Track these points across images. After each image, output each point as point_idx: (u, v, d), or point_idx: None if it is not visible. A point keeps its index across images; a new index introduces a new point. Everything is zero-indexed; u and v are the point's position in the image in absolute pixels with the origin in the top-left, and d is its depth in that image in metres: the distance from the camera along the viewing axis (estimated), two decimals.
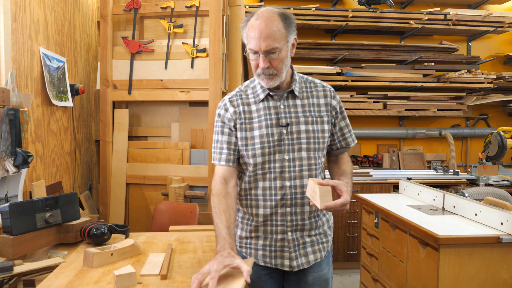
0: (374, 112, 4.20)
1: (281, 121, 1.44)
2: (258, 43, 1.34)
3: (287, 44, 1.39)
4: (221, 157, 1.48)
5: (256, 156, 1.43)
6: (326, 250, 1.51)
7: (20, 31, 2.05)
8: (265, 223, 1.45)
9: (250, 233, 1.48)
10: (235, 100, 1.49)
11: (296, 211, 1.44)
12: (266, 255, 1.47)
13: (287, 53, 1.40)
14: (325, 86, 1.54)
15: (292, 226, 1.44)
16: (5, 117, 1.79)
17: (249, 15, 1.41)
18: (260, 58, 1.36)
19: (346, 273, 3.73)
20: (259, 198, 1.45)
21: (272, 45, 1.34)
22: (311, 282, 1.48)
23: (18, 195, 1.96)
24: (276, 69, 1.38)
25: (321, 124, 1.47)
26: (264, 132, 1.43)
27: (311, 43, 4.17)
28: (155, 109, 3.00)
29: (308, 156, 1.44)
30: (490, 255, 1.84)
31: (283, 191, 1.43)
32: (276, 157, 1.43)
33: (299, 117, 1.45)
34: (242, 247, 1.52)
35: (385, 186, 3.79)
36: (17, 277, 1.33)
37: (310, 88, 1.51)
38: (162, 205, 2.49)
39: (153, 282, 1.30)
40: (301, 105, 1.47)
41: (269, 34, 1.33)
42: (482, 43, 4.65)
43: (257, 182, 1.45)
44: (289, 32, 1.38)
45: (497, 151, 3.82)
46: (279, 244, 1.45)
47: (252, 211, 1.47)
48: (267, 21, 1.34)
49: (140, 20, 2.92)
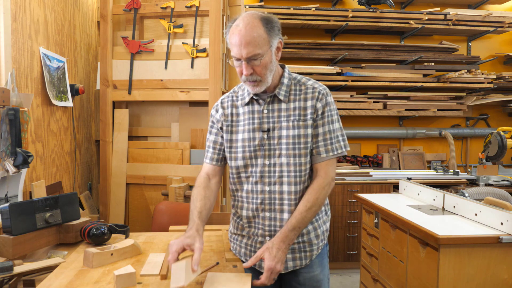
0: (374, 112, 4.20)
1: (263, 126, 1.43)
2: (239, 50, 1.31)
3: (270, 49, 1.35)
4: (207, 155, 1.58)
5: (237, 159, 1.47)
6: (308, 258, 1.49)
7: (20, 31, 2.05)
8: (249, 224, 1.49)
9: (237, 230, 1.55)
10: (226, 102, 1.53)
11: (276, 217, 1.44)
12: (247, 253, 1.52)
13: (271, 57, 1.36)
14: (315, 88, 1.44)
15: (270, 231, 1.45)
16: (5, 117, 1.79)
17: (231, 20, 1.38)
18: (243, 65, 1.33)
19: (346, 273, 3.73)
20: (243, 200, 1.50)
21: (253, 52, 1.31)
22: (302, 282, 1.50)
23: (18, 195, 1.96)
24: (260, 75, 1.35)
25: (304, 129, 1.41)
26: (246, 136, 1.45)
27: (311, 43, 4.17)
28: (155, 109, 3.00)
29: (288, 162, 1.41)
30: (490, 255, 1.84)
31: (263, 195, 1.44)
32: (257, 161, 1.44)
33: (282, 121, 1.42)
34: (231, 241, 1.60)
35: (385, 186, 3.79)
36: (17, 277, 1.33)
37: (300, 90, 1.44)
38: (162, 205, 2.48)
39: (153, 282, 1.30)
40: (285, 109, 1.43)
41: (249, 41, 1.30)
42: (482, 43, 4.65)
43: (241, 184, 1.49)
44: (271, 37, 1.34)
45: (497, 151, 3.82)
46: (259, 246, 1.47)
47: (238, 211, 1.53)
48: (248, 27, 1.30)
49: (140, 20, 2.92)
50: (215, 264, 1.45)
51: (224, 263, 1.50)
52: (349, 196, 3.77)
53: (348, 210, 3.78)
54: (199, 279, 1.33)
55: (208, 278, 1.28)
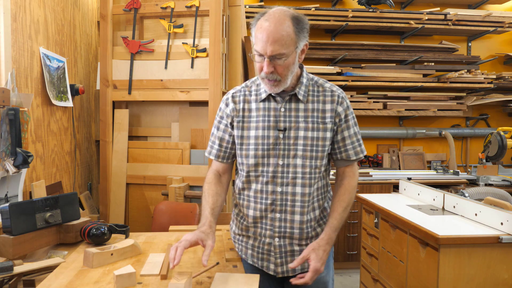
0: (374, 112, 4.20)
1: (279, 124, 1.39)
2: (265, 47, 1.27)
3: (296, 50, 1.31)
4: (211, 151, 1.53)
5: (249, 157, 1.41)
6: None
7: (20, 31, 2.05)
8: (255, 225, 1.44)
9: (241, 231, 1.50)
10: (238, 96, 1.47)
11: (286, 218, 1.40)
12: (254, 255, 1.47)
13: (295, 59, 1.33)
14: (334, 91, 1.43)
15: (280, 233, 1.41)
16: (5, 117, 1.79)
17: (260, 13, 1.33)
18: (265, 62, 1.29)
19: (346, 273, 3.73)
20: (250, 199, 1.44)
21: (278, 51, 1.27)
22: (309, 284, 1.46)
23: (18, 195, 1.96)
24: (280, 75, 1.31)
25: (322, 131, 1.39)
26: (260, 133, 1.40)
27: (311, 43, 4.17)
28: (155, 109, 3.00)
29: (303, 163, 1.38)
30: (490, 255, 1.84)
31: (274, 196, 1.40)
32: (270, 161, 1.39)
33: (299, 122, 1.38)
34: (235, 242, 1.55)
35: (385, 186, 3.79)
36: (17, 277, 1.33)
37: (318, 92, 1.42)
38: (162, 205, 2.49)
39: (153, 282, 1.30)
40: (303, 109, 1.39)
41: (276, 39, 1.25)
42: (482, 43, 4.65)
43: (250, 183, 1.44)
44: (299, 38, 1.31)
45: (497, 151, 3.82)
46: (266, 247, 1.43)
47: (244, 211, 1.47)
48: (277, 24, 1.26)
49: (140, 20, 2.92)
50: (215, 264, 1.45)
51: (224, 263, 1.50)
52: None
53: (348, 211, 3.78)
54: (199, 279, 1.33)
55: (216, 278, 1.28)
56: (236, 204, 1.53)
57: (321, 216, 1.48)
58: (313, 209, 1.43)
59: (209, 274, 1.37)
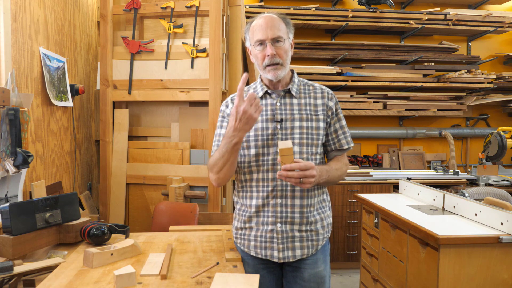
0: (374, 112, 4.20)
1: (276, 116, 1.52)
2: (265, 32, 1.46)
3: (289, 39, 1.52)
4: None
5: (250, 147, 1.52)
6: (315, 248, 1.54)
7: (20, 31, 2.05)
8: (257, 214, 1.52)
9: (244, 224, 1.56)
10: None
11: (287, 203, 1.49)
12: (257, 245, 1.53)
13: (289, 47, 1.53)
14: (323, 89, 1.60)
15: (281, 218, 1.49)
16: (5, 117, 1.79)
17: (250, 20, 1.54)
18: (267, 46, 1.47)
19: (346, 273, 3.73)
20: (253, 189, 1.53)
21: (277, 33, 1.47)
22: (307, 278, 1.53)
23: (18, 195, 1.96)
24: (281, 58, 1.48)
25: (316, 122, 1.53)
26: (259, 126, 1.52)
27: (311, 43, 4.17)
28: (155, 109, 3.00)
29: (300, 150, 1.50)
30: (490, 255, 1.84)
31: (274, 182, 1.49)
32: (269, 150, 1.50)
33: (294, 114, 1.52)
34: (237, 238, 1.61)
35: (385, 186, 3.79)
36: (17, 277, 1.33)
37: (309, 90, 1.59)
38: (162, 205, 2.49)
39: (153, 282, 1.30)
40: (297, 103, 1.54)
41: (273, 26, 1.47)
42: (482, 43, 4.65)
43: (251, 174, 1.53)
44: (289, 30, 1.53)
45: (497, 151, 3.82)
46: (269, 235, 1.50)
47: (247, 202, 1.55)
48: (270, 18, 1.49)
49: (140, 20, 2.92)
50: (215, 264, 1.45)
51: (224, 263, 1.51)
52: (349, 196, 3.77)
53: (348, 210, 3.78)
54: (199, 279, 1.33)
55: (216, 278, 1.29)
56: (237, 202, 1.61)
57: (320, 205, 1.57)
58: (312, 195, 1.53)
59: (209, 274, 1.37)
